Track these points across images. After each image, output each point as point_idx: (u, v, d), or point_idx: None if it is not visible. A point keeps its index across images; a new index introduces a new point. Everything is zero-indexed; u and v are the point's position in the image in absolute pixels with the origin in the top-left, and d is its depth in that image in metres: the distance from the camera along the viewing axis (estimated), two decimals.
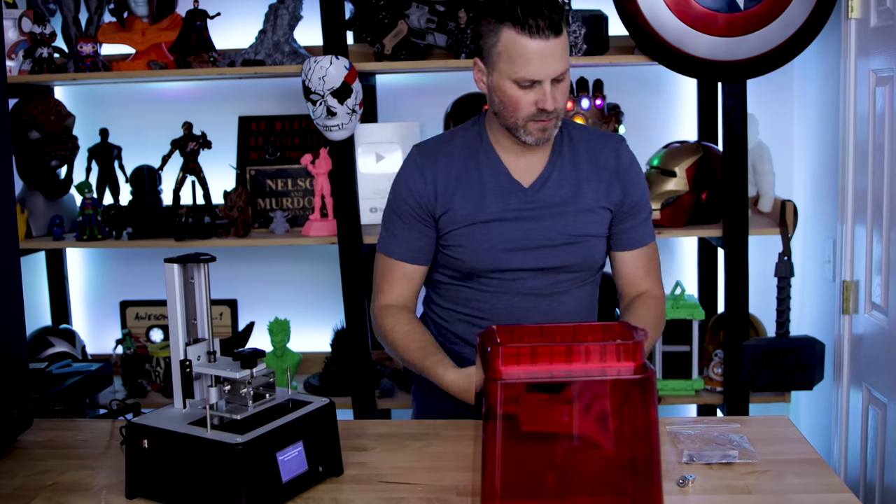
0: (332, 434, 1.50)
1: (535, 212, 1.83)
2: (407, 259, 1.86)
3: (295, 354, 3.02)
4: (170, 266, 1.46)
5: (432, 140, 1.93)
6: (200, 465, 1.35)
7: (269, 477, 1.38)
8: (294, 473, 1.42)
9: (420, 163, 1.86)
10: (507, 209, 1.82)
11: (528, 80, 1.69)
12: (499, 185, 1.83)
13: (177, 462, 1.38)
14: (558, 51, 1.68)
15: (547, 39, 1.66)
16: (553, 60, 1.68)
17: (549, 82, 1.70)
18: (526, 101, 1.72)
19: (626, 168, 1.88)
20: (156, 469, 1.40)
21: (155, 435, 1.39)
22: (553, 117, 1.74)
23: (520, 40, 1.67)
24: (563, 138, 1.87)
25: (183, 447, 1.37)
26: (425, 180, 1.84)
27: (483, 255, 1.82)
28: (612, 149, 1.88)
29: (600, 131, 1.97)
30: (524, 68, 1.68)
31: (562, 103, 1.74)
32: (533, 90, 1.71)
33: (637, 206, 1.89)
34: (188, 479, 1.37)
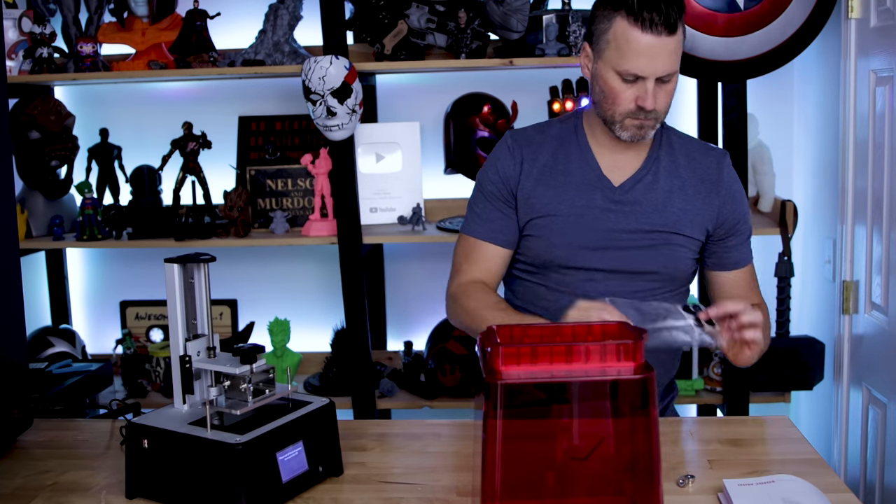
0: (332, 434, 1.50)
1: (620, 212, 1.78)
2: (488, 238, 1.82)
3: (295, 354, 3.02)
4: (170, 266, 1.46)
5: (528, 127, 1.90)
6: (200, 465, 1.35)
7: (269, 477, 1.37)
8: (294, 473, 1.41)
9: (511, 145, 1.84)
10: (590, 205, 1.78)
11: (632, 73, 1.65)
12: (586, 179, 1.79)
13: (177, 462, 1.38)
14: (669, 50, 1.63)
15: (659, 36, 1.61)
16: (662, 59, 1.63)
17: (654, 81, 1.65)
18: (627, 95, 1.67)
19: (729, 184, 1.82)
20: (156, 469, 1.40)
21: (155, 435, 1.39)
22: (652, 118, 1.70)
23: (631, 32, 1.62)
24: (661, 142, 1.82)
25: (183, 447, 1.37)
26: (514, 161, 1.82)
27: (559, 250, 1.78)
28: (714, 161, 1.83)
29: (703, 142, 1.90)
30: (630, 61, 1.64)
31: (664, 105, 1.70)
32: (636, 86, 1.67)
33: (738, 224, 1.83)
34: (188, 478, 1.37)
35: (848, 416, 2.58)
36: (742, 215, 1.84)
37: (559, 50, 2.67)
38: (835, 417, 2.65)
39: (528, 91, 2.97)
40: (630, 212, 1.78)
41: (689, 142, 1.86)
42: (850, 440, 2.57)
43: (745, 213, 1.84)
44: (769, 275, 2.70)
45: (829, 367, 2.69)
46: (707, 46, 2.51)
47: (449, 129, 2.87)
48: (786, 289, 2.63)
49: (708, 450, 1.60)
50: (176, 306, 1.46)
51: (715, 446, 1.61)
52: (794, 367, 2.63)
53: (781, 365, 2.62)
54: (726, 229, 1.82)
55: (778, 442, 1.63)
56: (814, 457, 1.55)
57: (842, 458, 2.60)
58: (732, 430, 1.69)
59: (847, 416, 2.58)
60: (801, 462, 1.53)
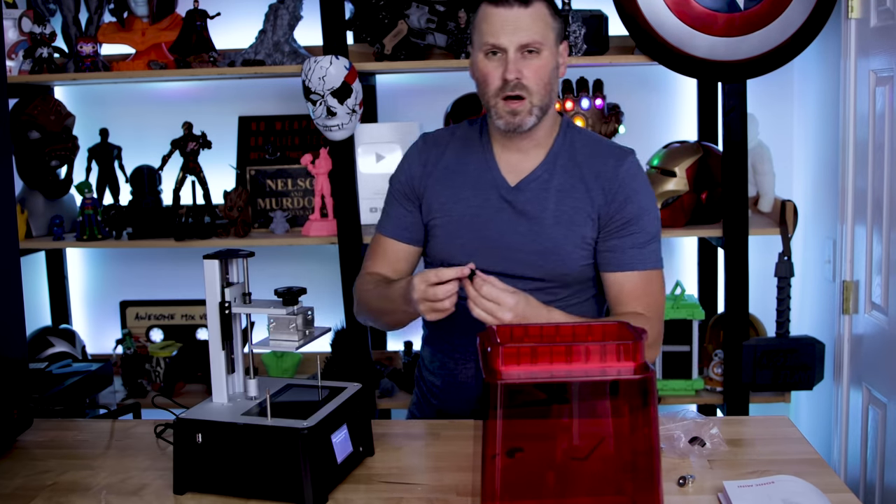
0: (367, 416, 1.58)
1: (513, 212, 1.78)
2: (393, 235, 1.87)
3: (294, 354, 3.02)
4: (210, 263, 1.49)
5: (440, 130, 1.95)
6: (263, 453, 1.39)
7: (327, 459, 1.42)
8: (345, 454, 1.48)
9: (421, 147, 1.89)
10: (485, 205, 1.79)
11: (490, 44, 1.70)
12: (483, 179, 1.81)
13: (236, 452, 1.41)
14: (525, 20, 1.69)
15: (510, 7, 1.69)
16: (519, 29, 1.68)
17: (515, 52, 1.69)
18: (494, 73, 1.71)
19: (625, 181, 1.77)
20: (211, 462, 1.42)
21: (211, 428, 1.42)
22: (526, 99, 1.71)
23: (488, 9, 1.72)
24: (564, 142, 1.82)
25: (244, 437, 1.40)
26: (420, 162, 1.87)
27: (454, 250, 1.80)
28: (614, 159, 1.80)
29: (612, 143, 1.87)
30: (487, 35, 1.71)
31: (534, 81, 1.70)
32: (499, 60, 1.71)
33: (629, 225, 1.76)
34: (248, 467, 1.40)
35: (848, 416, 2.58)
36: (635, 216, 1.76)
37: None
38: (835, 417, 2.65)
39: None
40: (522, 212, 1.78)
41: (595, 142, 1.83)
42: (850, 440, 2.57)
43: (639, 215, 1.77)
44: (769, 275, 2.70)
45: (829, 367, 2.69)
46: (707, 46, 2.51)
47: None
48: (786, 289, 2.63)
49: (708, 450, 1.59)
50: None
51: (715, 446, 1.61)
52: (795, 368, 2.63)
53: (781, 365, 2.62)
54: (614, 228, 1.77)
55: (778, 442, 1.63)
56: (814, 457, 1.55)
57: (842, 458, 2.60)
58: (732, 430, 1.69)
59: (847, 416, 2.58)
60: (801, 462, 1.53)
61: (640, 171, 1.81)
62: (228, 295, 1.50)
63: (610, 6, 2.60)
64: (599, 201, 1.77)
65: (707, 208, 2.72)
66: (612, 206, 1.77)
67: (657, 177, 2.71)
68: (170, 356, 3.00)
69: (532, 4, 1.70)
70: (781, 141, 2.98)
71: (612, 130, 2.79)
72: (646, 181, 1.82)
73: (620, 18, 2.57)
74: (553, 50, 1.74)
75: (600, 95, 2.78)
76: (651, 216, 1.79)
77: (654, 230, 1.80)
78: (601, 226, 1.77)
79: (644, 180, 1.81)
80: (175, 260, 3.19)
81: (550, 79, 1.74)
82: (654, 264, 1.79)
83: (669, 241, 3.11)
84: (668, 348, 2.81)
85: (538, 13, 1.70)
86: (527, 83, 1.70)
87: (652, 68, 2.81)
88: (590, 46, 2.68)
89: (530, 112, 1.73)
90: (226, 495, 1.42)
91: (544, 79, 1.72)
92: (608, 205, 1.77)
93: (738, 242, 2.62)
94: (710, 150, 2.73)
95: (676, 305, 2.78)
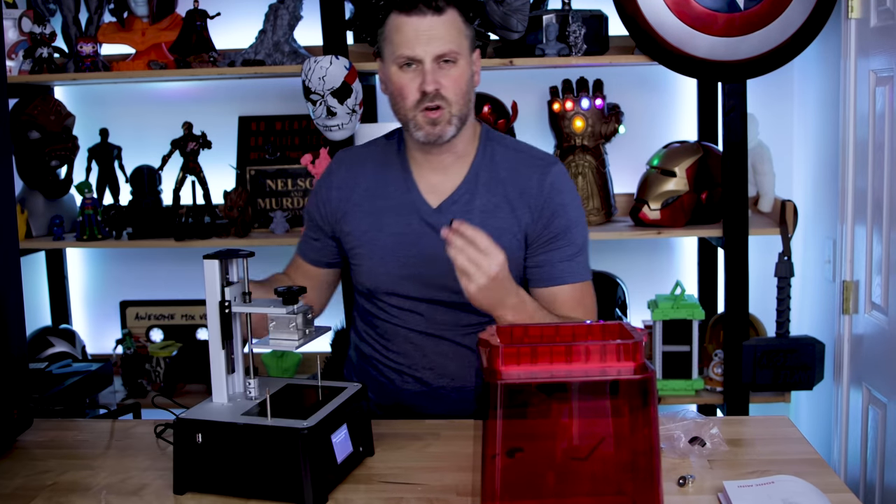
0: (366, 416, 1.57)
1: (436, 237, 1.68)
2: (306, 258, 1.85)
3: (295, 354, 3.02)
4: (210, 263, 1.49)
5: (358, 147, 1.87)
6: (263, 453, 1.39)
7: (327, 459, 1.42)
8: (345, 454, 1.47)
9: (336, 170, 1.82)
10: (407, 230, 1.74)
11: (404, 56, 1.64)
12: (404, 202, 1.75)
13: (236, 452, 1.41)
14: (440, 29, 1.63)
15: (424, 16, 1.63)
16: (433, 39, 1.63)
17: (432, 62, 1.63)
18: (411, 86, 1.65)
19: (551, 196, 1.72)
20: (211, 462, 1.42)
21: (211, 428, 1.42)
22: (445, 109, 1.65)
23: (398, 20, 1.66)
24: (485, 157, 1.76)
25: (244, 437, 1.40)
26: (335, 186, 1.80)
27: (379, 277, 1.76)
28: (538, 172, 1.74)
29: (535, 153, 1.80)
30: (402, 46, 1.64)
31: (453, 92, 1.65)
32: (414, 71, 1.65)
33: (556, 238, 1.72)
34: (248, 467, 1.40)
35: (848, 416, 2.58)
36: (562, 230, 1.72)
37: (559, 50, 2.67)
38: (835, 417, 2.65)
39: (528, 91, 2.97)
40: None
41: (517, 154, 1.77)
42: (850, 440, 2.57)
43: (567, 228, 1.73)
44: (769, 275, 2.70)
45: (829, 367, 2.69)
46: (707, 46, 2.51)
47: None
48: (786, 289, 2.63)
49: (708, 450, 1.59)
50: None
51: (715, 446, 1.61)
52: (795, 368, 2.63)
53: (781, 365, 2.62)
54: (542, 243, 1.72)
55: (778, 442, 1.63)
56: (814, 457, 1.55)
57: (842, 458, 2.60)
58: (732, 430, 1.69)
59: (847, 416, 2.58)
60: (801, 462, 1.53)
61: (565, 182, 1.76)
62: (228, 294, 1.50)
63: (610, 6, 2.60)
64: (526, 220, 1.71)
65: (707, 208, 2.72)
66: (538, 223, 1.72)
67: (657, 177, 2.71)
68: (170, 356, 3.00)
69: (445, 12, 1.64)
70: (781, 141, 2.98)
71: (612, 130, 2.79)
72: (572, 191, 1.77)
73: (620, 19, 2.57)
74: (468, 58, 1.69)
75: (600, 95, 2.78)
76: (579, 227, 1.75)
77: (581, 241, 1.75)
78: (528, 243, 1.72)
79: (570, 190, 1.76)
80: (175, 260, 3.19)
81: (468, 88, 1.68)
82: (584, 276, 1.75)
83: (669, 241, 3.11)
84: (668, 348, 2.81)
85: (452, 21, 1.65)
86: (445, 94, 1.65)
87: (652, 68, 2.81)
88: (590, 46, 2.68)
89: (450, 122, 1.67)
90: (226, 495, 1.42)
91: (462, 88, 1.67)
92: (535, 222, 1.72)
93: (738, 242, 2.62)
94: (710, 150, 2.73)
95: (676, 305, 2.78)
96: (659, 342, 2.79)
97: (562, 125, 2.78)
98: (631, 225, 2.79)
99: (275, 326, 1.48)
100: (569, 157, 2.79)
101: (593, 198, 2.79)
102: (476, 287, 1.49)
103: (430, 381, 1.79)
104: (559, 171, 1.76)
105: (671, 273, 3.08)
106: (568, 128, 2.78)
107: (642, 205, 2.72)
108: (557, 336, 1.36)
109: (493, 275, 1.48)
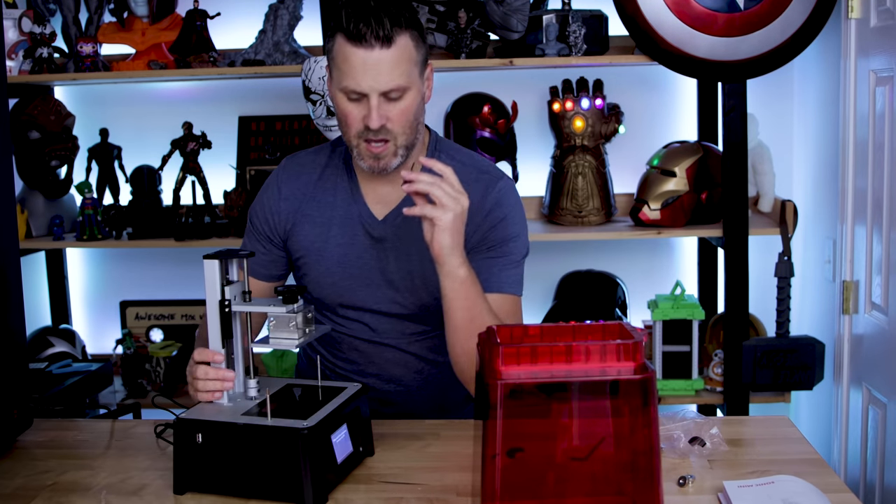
0: (366, 416, 1.57)
1: (381, 248, 1.71)
2: (251, 273, 1.71)
3: (295, 354, 3.01)
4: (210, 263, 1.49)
5: (305, 153, 1.82)
6: (263, 453, 1.39)
7: (327, 459, 1.42)
8: (345, 454, 1.47)
9: (282, 177, 1.78)
10: (353, 242, 1.72)
11: (352, 90, 1.56)
12: (350, 213, 1.72)
13: (236, 452, 1.41)
14: (387, 63, 1.54)
15: (371, 49, 1.53)
16: (380, 73, 1.54)
17: (378, 97, 1.56)
18: (355, 115, 1.58)
19: (492, 211, 1.69)
20: (210, 462, 1.42)
21: (211, 428, 1.42)
22: (390, 142, 1.60)
23: (346, 48, 1.55)
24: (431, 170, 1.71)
25: (244, 437, 1.40)
26: (280, 196, 1.76)
27: (326, 290, 1.74)
28: (481, 187, 1.70)
29: (482, 166, 1.76)
30: (348, 78, 1.55)
31: (399, 125, 1.59)
32: (360, 104, 1.57)
33: (492, 248, 1.69)
34: (248, 467, 1.40)
35: (848, 416, 2.58)
36: (499, 241, 1.70)
37: (559, 50, 2.67)
38: (835, 417, 2.65)
39: (528, 91, 2.97)
40: (391, 247, 1.71)
41: (462, 167, 1.68)
42: (850, 440, 2.57)
43: (504, 241, 1.70)
44: (769, 275, 2.70)
45: (829, 367, 2.69)
46: (707, 46, 2.51)
47: (449, 129, 2.87)
48: (786, 289, 2.63)
49: (708, 450, 1.59)
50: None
51: (715, 446, 1.61)
52: (795, 368, 2.63)
53: (781, 365, 2.62)
54: (477, 252, 1.69)
55: (778, 442, 1.63)
56: (814, 457, 1.55)
57: (842, 458, 2.60)
58: (732, 430, 1.69)
59: (847, 416, 2.58)
60: (801, 462, 1.53)
61: (508, 197, 1.72)
62: (228, 294, 1.50)
63: (610, 6, 2.60)
64: (466, 231, 1.64)
65: (707, 208, 2.72)
66: (476, 234, 1.69)
67: (657, 177, 2.71)
68: (170, 356, 3.00)
69: (394, 43, 1.54)
70: (781, 141, 2.98)
71: (612, 130, 2.79)
72: (515, 206, 1.73)
73: (620, 19, 2.57)
74: (418, 85, 1.61)
75: (600, 95, 2.78)
76: (517, 242, 1.72)
77: (517, 257, 1.72)
78: (467, 251, 1.66)
79: (513, 205, 1.72)
80: (175, 260, 3.19)
81: (416, 114, 1.62)
82: (516, 290, 1.72)
83: (669, 241, 3.11)
84: (668, 348, 2.81)
85: (402, 51, 1.55)
86: (391, 127, 1.58)
87: (652, 68, 2.81)
88: (590, 46, 2.68)
89: (395, 154, 1.62)
90: (226, 495, 1.42)
91: (409, 119, 1.60)
92: (473, 234, 1.68)
93: (738, 242, 2.62)
94: (710, 150, 2.73)
95: (676, 305, 2.78)
96: (659, 342, 2.79)
97: (562, 125, 2.79)
98: (631, 225, 2.79)
99: (274, 325, 1.48)
100: (569, 157, 2.79)
101: (593, 198, 2.79)
102: (446, 222, 1.48)
103: (377, 387, 1.80)
104: (504, 187, 1.73)
105: (671, 273, 3.08)
106: (568, 128, 2.78)
107: (642, 205, 2.72)
108: (557, 336, 1.36)
109: (465, 206, 1.50)
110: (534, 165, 2.97)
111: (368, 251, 1.72)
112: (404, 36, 1.56)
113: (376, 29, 1.53)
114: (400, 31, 1.55)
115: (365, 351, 1.79)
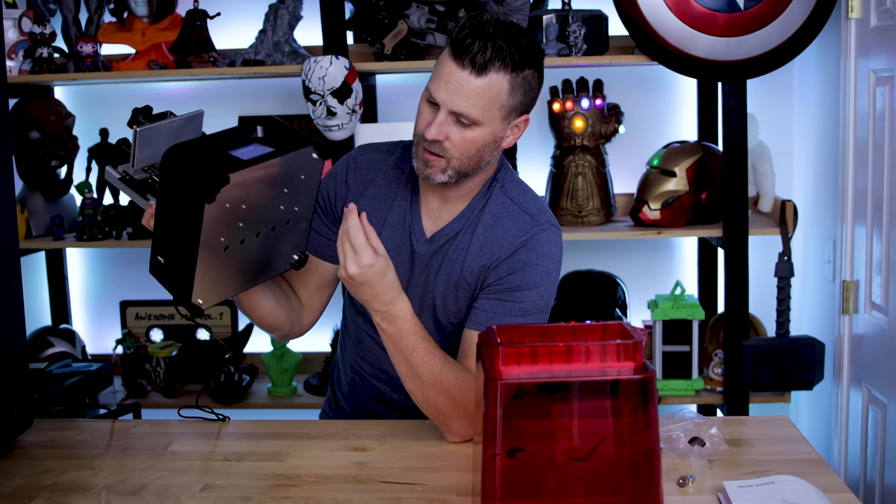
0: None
1: (419, 265, 1.68)
2: (311, 250, 1.72)
3: (295, 354, 3.02)
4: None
5: (377, 148, 1.80)
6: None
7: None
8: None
9: (351, 166, 1.77)
10: (400, 249, 1.70)
11: (431, 93, 1.56)
12: (403, 221, 1.71)
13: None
14: (469, 90, 1.52)
15: (463, 69, 1.51)
16: (457, 94, 1.52)
17: (447, 113, 1.54)
18: (425, 119, 1.57)
19: (519, 252, 1.64)
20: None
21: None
22: (443, 159, 1.57)
23: (447, 57, 1.55)
24: (488, 198, 1.69)
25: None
26: (345, 184, 1.75)
27: None
28: (516, 226, 1.66)
29: (531, 208, 1.69)
30: (434, 80, 1.56)
31: (457, 150, 1.56)
32: (434, 111, 1.56)
33: (505, 292, 1.64)
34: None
35: (848, 416, 2.58)
36: (513, 286, 1.63)
37: (559, 50, 2.67)
38: (835, 417, 2.65)
39: None
40: (425, 265, 1.69)
41: (510, 203, 1.68)
42: (850, 440, 2.57)
43: (518, 286, 1.63)
44: (769, 275, 2.70)
45: (829, 367, 2.70)
46: (707, 46, 2.51)
47: None
48: (786, 289, 2.63)
49: (708, 450, 1.60)
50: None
51: (715, 446, 1.61)
52: (795, 368, 2.63)
53: (781, 365, 2.62)
54: (490, 291, 1.65)
55: (778, 442, 1.63)
56: (814, 457, 1.55)
57: (842, 458, 2.60)
58: (732, 430, 1.69)
59: (847, 416, 2.58)
60: (801, 462, 1.53)
61: (542, 245, 1.65)
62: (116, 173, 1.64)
63: (610, 6, 2.60)
64: (488, 264, 1.65)
65: (707, 208, 2.72)
66: (496, 271, 1.65)
67: (657, 177, 2.71)
68: (170, 356, 3.00)
69: (486, 76, 1.51)
70: (781, 141, 2.98)
71: (612, 130, 2.80)
72: (546, 257, 1.66)
73: (621, 19, 2.57)
74: (495, 127, 1.57)
75: (600, 95, 2.78)
76: (533, 293, 1.64)
77: (529, 308, 1.64)
78: (481, 286, 1.66)
79: (544, 255, 1.65)
80: None
81: (480, 150, 1.58)
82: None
83: (669, 241, 3.11)
84: (668, 348, 2.81)
85: (488, 89, 1.52)
86: (448, 147, 1.56)
87: (652, 68, 2.81)
88: (590, 46, 2.68)
89: (444, 171, 1.59)
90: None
91: (470, 150, 1.57)
92: (494, 270, 1.65)
93: (738, 242, 2.62)
94: (710, 150, 2.73)
95: (676, 305, 2.78)
96: (659, 342, 2.79)
97: (562, 125, 2.79)
98: (631, 225, 2.79)
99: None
100: (569, 157, 2.79)
101: (593, 198, 2.79)
102: (343, 275, 1.50)
103: (388, 394, 1.81)
104: (541, 234, 1.67)
105: (671, 273, 3.08)
106: (568, 128, 2.78)
107: (642, 205, 2.72)
108: (557, 336, 1.36)
109: (351, 274, 1.48)
110: (534, 165, 2.97)
111: (407, 263, 1.70)
112: (502, 75, 1.53)
113: (476, 53, 1.51)
114: (499, 68, 1.52)
115: (383, 358, 1.76)
